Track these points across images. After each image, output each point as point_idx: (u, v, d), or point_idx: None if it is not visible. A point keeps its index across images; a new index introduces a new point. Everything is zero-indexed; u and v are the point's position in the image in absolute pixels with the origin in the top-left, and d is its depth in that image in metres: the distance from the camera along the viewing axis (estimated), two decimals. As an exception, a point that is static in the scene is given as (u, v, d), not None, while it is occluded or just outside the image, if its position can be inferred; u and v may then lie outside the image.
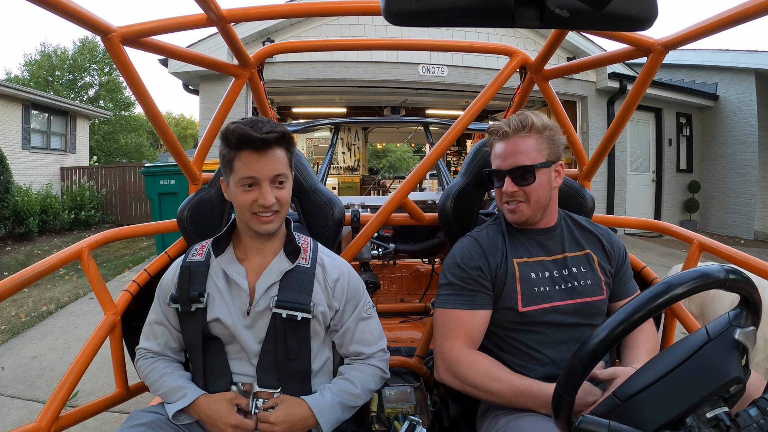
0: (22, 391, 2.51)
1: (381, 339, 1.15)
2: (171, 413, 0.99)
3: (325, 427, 1.00)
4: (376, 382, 1.12)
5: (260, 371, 1.03)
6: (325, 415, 1.00)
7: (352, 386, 1.06)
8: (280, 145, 1.01)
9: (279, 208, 1.02)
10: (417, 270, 2.62)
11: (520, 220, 1.15)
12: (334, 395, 1.03)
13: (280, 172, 1.01)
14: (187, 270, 1.06)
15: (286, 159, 1.04)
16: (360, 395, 1.07)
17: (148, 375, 1.08)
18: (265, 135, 0.97)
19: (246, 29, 6.12)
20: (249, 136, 0.97)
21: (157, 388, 1.05)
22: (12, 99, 9.40)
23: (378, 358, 1.13)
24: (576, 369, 0.70)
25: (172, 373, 1.06)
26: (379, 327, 1.16)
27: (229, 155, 1.01)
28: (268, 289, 1.04)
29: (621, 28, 0.48)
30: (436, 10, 0.44)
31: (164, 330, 1.09)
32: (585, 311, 1.10)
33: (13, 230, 7.63)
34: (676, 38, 1.11)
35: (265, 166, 0.99)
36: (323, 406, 1.00)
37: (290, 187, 1.06)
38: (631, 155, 8.02)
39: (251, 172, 0.99)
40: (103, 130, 17.93)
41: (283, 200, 1.03)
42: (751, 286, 0.72)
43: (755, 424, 0.64)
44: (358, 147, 11.30)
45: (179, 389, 1.02)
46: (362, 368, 1.10)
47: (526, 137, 1.11)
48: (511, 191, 1.11)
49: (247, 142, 0.98)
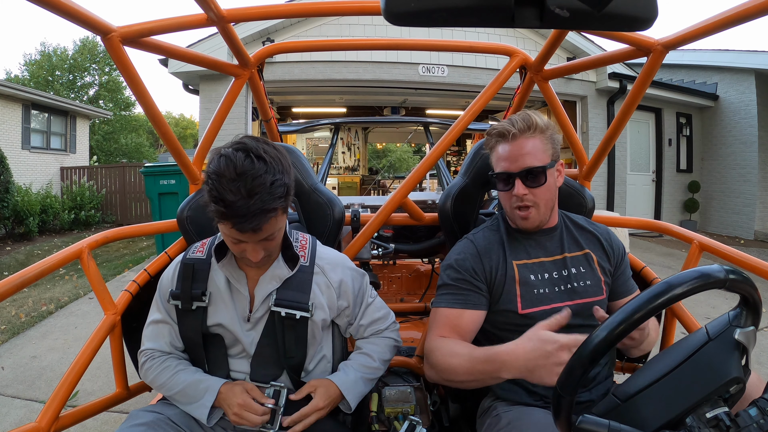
0: (22, 391, 2.51)
1: (389, 313, 1.21)
2: (204, 416, 0.98)
3: (352, 403, 1.06)
4: (391, 351, 1.19)
5: (254, 364, 1.04)
6: (351, 392, 1.06)
7: (370, 360, 1.13)
8: (273, 217, 0.89)
9: (270, 253, 0.99)
10: (417, 270, 2.62)
11: (533, 226, 1.13)
12: (356, 371, 1.10)
13: (271, 233, 0.93)
14: (190, 267, 1.05)
15: (281, 216, 0.93)
16: (379, 367, 1.14)
17: (158, 375, 1.04)
18: (252, 224, 0.85)
19: (246, 29, 6.11)
20: (233, 222, 0.85)
21: (170, 387, 1.02)
22: (12, 99, 9.40)
23: (390, 330, 1.20)
24: (576, 369, 0.69)
25: (186, 370, 1.04)
26: (382, 303, 1.21)
27: (209, 212, 0.89)
28: (267, 297, 1.04)
29: (621, 28, 0.48)
30: (436, 10, 0.44)
31: (169, 329, 1.08)
32: (585, 312, 1.10)
33: (13, 230, 7.63)
34: (676, 38, 1.11)
35: (254, 236, 0.91)
36: (348, 383, 1.07)
37: (284, 228, 0.99)
38: (631, 155, 8.02)
39: (237, 237, 0.91)
40: (103, 130, 17.94)
41: (273, 247, 0.98)
42: (751, 286, 0.72)
43: (755, 424, 0.64)
44: (358, 147, 11.30)
45: (198, 383, 1.01)
46: (377, 341, 1.17)
47: (531, 138, 1.09)
48: (522, 194, 1.09)
49: (232, 224, 0.86)
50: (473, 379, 0.99)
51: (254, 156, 0.86)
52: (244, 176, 0.84)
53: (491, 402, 1.13)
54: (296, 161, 1.34)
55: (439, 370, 1.04)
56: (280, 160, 0.90)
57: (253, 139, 0.91)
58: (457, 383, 1.04)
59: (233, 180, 0.83)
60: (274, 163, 0.88)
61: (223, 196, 0.83)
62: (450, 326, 1.10)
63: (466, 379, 1.00)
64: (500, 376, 0.93)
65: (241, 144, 0.89)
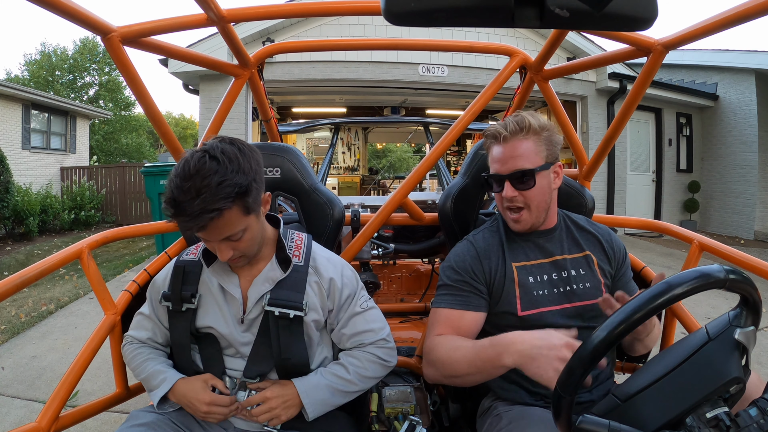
0: (22, 391, 2.51)
1: (382, 329, 1.10)
2: (155, 401, 1.00)
3: (309, 408, 0.99)
4: (374, 369, 1.08)
5: (249, 362, 1.03)
6: (310, 395, 1.00)
7: (344, 371, 1.05)
8: (221, 215, 0.87)
9: (242, 254, 0.97)
10: (417, 270, 2.62)
11: (524, 228, 1.14)
12: (321, 377, 1.03)
13: (231, 233, 0.91)
14: (181, 269, 1.06)
15: (239, 215, 0.90)
16: (352, 381, 1.04)
17: (132, 360, 1.10)
18: (196, 222, 0.85)
19: (246, 29, 6.12)
20: (180, 220, 0.86)
21: (139, 373, 1.07)
22: (12, 99, 9.40)
23: (376, 346, 1.09)
24: (576, 369, 0.69)
25: (154, 359, 1.08)
26: (378, 317, 1.12)
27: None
28: (260, 298, 1.04)
29: (621, 28, 0.48)
30: (436, 10, 0.44)
31: (152, 325, 1.11)
32: (584, 314, 1.10)
33: (13, 230, 7.63)
34: (676, 38, 1.11)
35: (209, 234, 0.90)
36: (308, 386, 1.01)
37: (254, 229, 0.96)
38: (631, 155, 8.02)
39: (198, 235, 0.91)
40: (103, 130, 17.92)
41: (244, 247, 0.96)
42: (751, 286, 0.72)
43: (755, 424, 0.64)
44: (358, 147, 11.30)
45: (159, 374, 1.03)
46: (357, 354, 1.08)
47: (524, 140, 1.09)
48: (511, 196, 1.10)
49: (180, 222, 0.87)
50: (475, 370, 0.97)
51: (209, 156, 0.87)
52: (193, 177, 0.85)
53: (491, 402, 1.13)
54: (296, 161, 1.34)
55: (441, 365, 1.03)
56: (238, 159, 0.89)
57: (221, 140, 0.92)
58: (457, 379, 1.02)
59: (184, 179, 0.85)
60: (229, 163, 0.87)
61: (173, 195, 0.85)
62: (451, 327, 1.09)
63: (468, 372, 0.98)
64: (502, 363, 0.92)
65: (206, 144, 0.91)
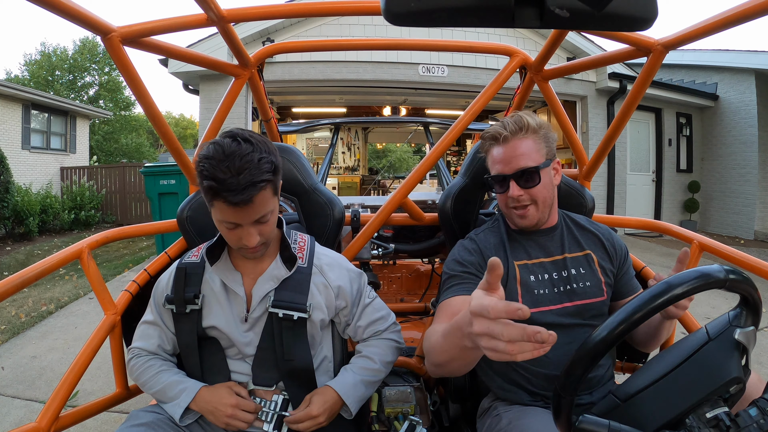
0: (22, 391, 2.51)
1: (389, 314, 1.18)
2: (177, 415, 0.98)
3: (352, 406, 1.03)
4: (393, 353, 1.15)
5: (255, 369, 1.03)
6: (350, 395, 1.03)
7: (371, 362, 1.10)
8: (262, 191, 0.91)
9: (265, 240, 0.99)
10: (417, 270, 2.62)
11: (531, 224, 1.13)
12: (355, 374, 1.07)
13: (263, 213, 0.94)
14: (183, 271, 1.06)
15: (271, 195, 0.95)
16: (380, 369, 1.10)
17: (142, 373, 1.07)
18: (243, 195, 0.87)
19: (246, 29, 6.12)
20: (225, 196, 0.87)
21: (152, 386, 1.04)
22: (12, 99, 9.40)
23: (390, 331, 1.16)
24: (575, 369, 0.70)
25: (168, 370, 1.06)
26: (382, 304, 1.19)
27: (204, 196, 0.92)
28: (264, 297, 1.04)
29: (621, 28, 0.48)
30: (436, 10, 0.44)
31: (159, 331, 1.09)
32: (585, 313, 1.10)
33: (13, 230, 7.63)
34: (676, 38, 1.11)
35: (246, 214, 0.92)
36: (347, 387, 1.04)
37: (276, 212, 1.00)
38: (631, 155, 8.02)
39: (231, 218, 0.92)
40: (103, 130, 17.94)
41: (268, 232, 0.99)
42: (751, 286, 0.72)
43: (755, 424, 0.64)
44: (358, 147, 11.30)
45: (177, 384, 1.02)
46: (377, 343, 1.14)
47: (524, 139, 1.10)
48: (518, 195, 1.10)
49: (224, 198, 0.88)
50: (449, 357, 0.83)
51: (241, 139, 0.91)
52: (232, 156, 0.87)
53: (491, 402, 1.13)
54: (296, 161, 1.34)
55: (427, 353, 0.95)
56: (266, 143, 0.94)
57: (240, 129, 0.96)
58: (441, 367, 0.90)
59: (222, 161, 0.87)
60: (260, 144, 0.92)
61: (213, 174, 0.87)
62: (450, 314, 1.02)
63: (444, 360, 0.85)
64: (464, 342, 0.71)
65: (228, 132, 0.94)
